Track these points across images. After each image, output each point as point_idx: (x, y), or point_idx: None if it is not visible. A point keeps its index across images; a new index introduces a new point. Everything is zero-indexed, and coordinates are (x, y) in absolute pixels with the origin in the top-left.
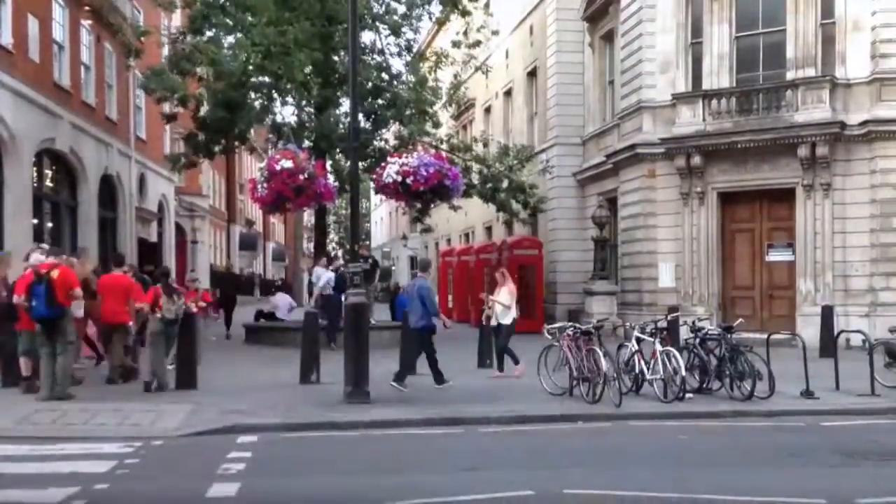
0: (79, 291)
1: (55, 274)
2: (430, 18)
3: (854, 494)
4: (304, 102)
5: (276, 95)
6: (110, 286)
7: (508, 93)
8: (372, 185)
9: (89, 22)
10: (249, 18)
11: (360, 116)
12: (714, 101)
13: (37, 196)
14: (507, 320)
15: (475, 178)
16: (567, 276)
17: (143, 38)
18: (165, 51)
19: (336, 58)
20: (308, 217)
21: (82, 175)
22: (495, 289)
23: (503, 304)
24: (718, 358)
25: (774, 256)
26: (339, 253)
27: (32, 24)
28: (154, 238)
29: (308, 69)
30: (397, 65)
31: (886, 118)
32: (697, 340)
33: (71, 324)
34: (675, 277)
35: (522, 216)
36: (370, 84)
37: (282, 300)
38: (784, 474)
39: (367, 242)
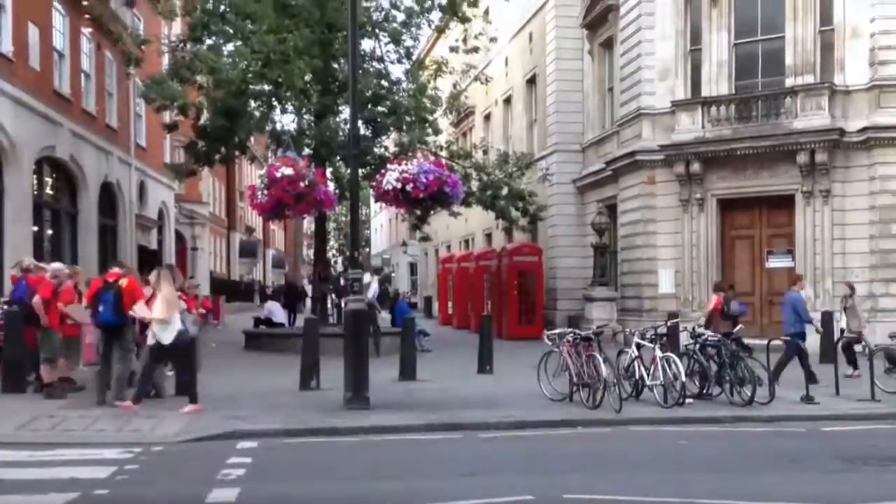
0: (142, 302)
1: (124, 283)
2: (430, 26)
3: (854, 500)
4: (303, 110)
5: (275, 103)
6: None
7: (508, 100)
8: (372, 192)
9: (89, 30)
10: (249, 26)
11: (360, 124)
12: (713, 108)
13: (37, 204)
14: (167, 338)
15: (474, 186)
16: (567, 282)
17: (143, 47)
18: (166, 59)
19: (336, 65)
20: (308, 224)
21: (82, 183)
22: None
23: (157, 318)
24: (718, 363)
25: (774, 263)
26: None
27: (33, 32)
28: (154, 245)
29: (308, 77)
30: (397, 72)
31: (885, 125)
32: (697, 346)
33: (132, 332)
34: (675, 284)
35: (522, 224)
36: (370, 91)
37: (275, 306)
38: (784, 480)
39: (368, 250)
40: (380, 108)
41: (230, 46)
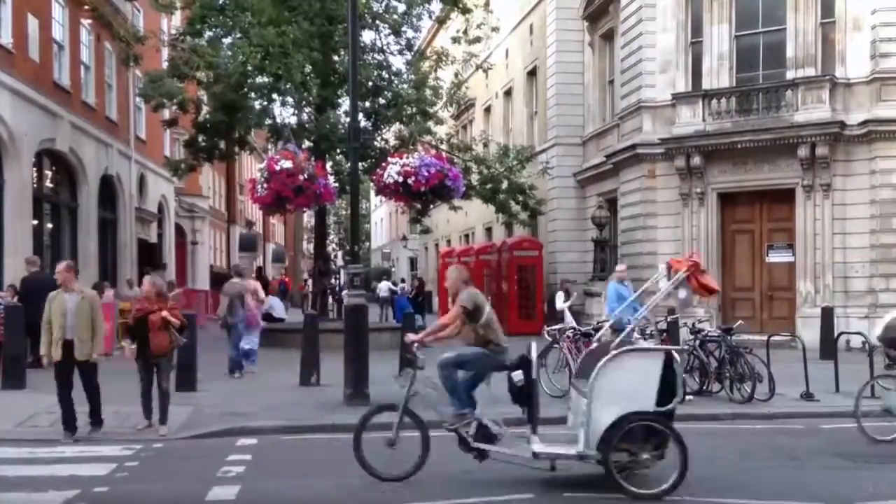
0: None
1: None
2: (430, 17)
3: (854, 497)
4: (303, 103)
5: (275, 96)
6: None
7: (508, 92)
8: (372, 185)
9: (89, 21)
10: (248, 19)
11: (360, 116)
12: (714, 101)
13: (36, 197)
14: None
15: (475, 179)
16: (567, 277)
17: (143, 43)
18: (165, 54)
19: (336, 57)
20: (308, 218)
21: (82, 176)
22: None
23: None
24: (718, 360)
25: (774, 257)
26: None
27: (32, 24)
28: (154, 239)
29: (307, 69)
30: (398, 64)
31: (886, 118)
32: (697, 342)
33: None
34: None
35: (522, 218)
36: (370, 83)
37: (275, 301)
38: (784, 477)
39: (368, 244)
40: (380, 101)
41: (229, 39)
